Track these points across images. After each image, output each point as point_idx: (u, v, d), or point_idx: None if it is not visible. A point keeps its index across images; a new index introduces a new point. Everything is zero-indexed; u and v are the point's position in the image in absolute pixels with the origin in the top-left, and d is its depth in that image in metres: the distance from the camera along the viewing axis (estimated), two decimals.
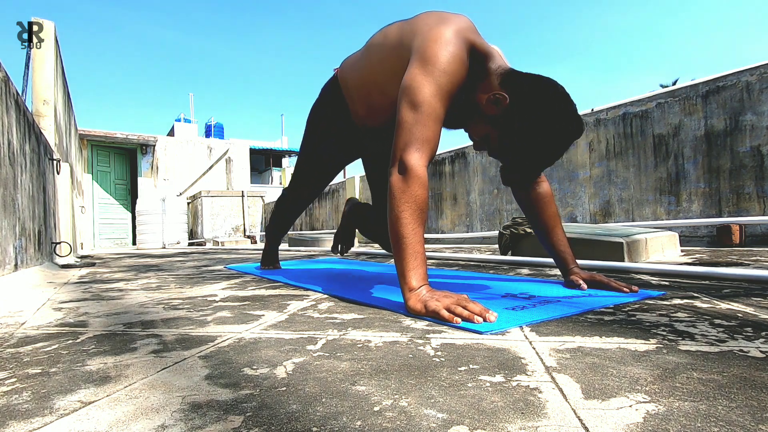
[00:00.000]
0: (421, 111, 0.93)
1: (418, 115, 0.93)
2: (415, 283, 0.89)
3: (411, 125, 0.94)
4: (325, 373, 0.56)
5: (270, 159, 18.15)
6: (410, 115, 0.94)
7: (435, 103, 0.94)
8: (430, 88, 0.94)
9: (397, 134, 0.96)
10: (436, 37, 0.97)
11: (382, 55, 1.18)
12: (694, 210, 3.01)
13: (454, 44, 0.97)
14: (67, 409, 0.47)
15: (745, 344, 0.62)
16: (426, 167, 0.94)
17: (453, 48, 0.96)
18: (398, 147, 0.95)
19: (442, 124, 0.98)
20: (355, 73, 1.32)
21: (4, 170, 1.90)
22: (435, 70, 0.94)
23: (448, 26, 0.99)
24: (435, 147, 0.97)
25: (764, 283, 1.16)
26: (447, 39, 0.97)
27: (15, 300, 1.35)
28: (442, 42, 0.96)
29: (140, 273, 2.24)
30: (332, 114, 1.47)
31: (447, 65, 0.95)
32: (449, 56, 0.95)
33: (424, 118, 0.93)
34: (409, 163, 0.92)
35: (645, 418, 0.41)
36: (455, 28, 0.99)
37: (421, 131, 0.93)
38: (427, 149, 0.94)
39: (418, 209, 0.91)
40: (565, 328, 0.76)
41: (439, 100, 0.95)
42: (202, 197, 9.65)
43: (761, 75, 2.70)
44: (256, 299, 1.19)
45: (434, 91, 0.94)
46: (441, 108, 0.95)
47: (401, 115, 0.96)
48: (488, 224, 4.57)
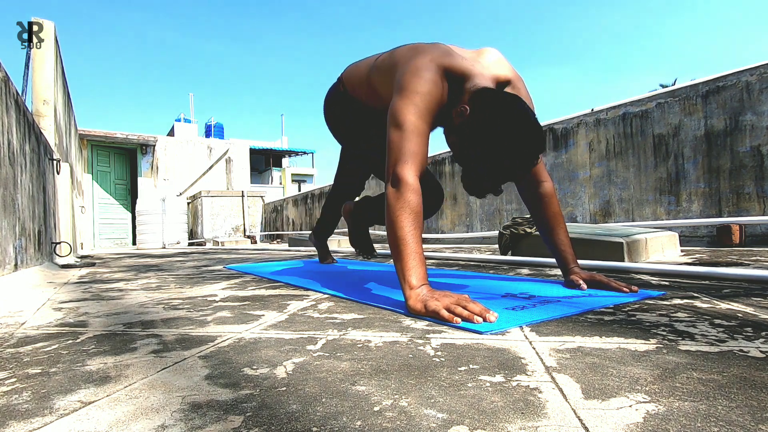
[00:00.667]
0: (404, 129, 1.03)
1: (403, 133, 1.03)
2: (415, 282, 0.89)
3: (398, 143, 1.03)
4: (325, 373, 0.56)
5: (270, 159, 18.16)
6: (396, 134, 1.04)
7: (416, 121, 1.03)
8: (408, 108, 1.04)
9: (388, 154, 1.04)
10: (410, 68, 1.09)
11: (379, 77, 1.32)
12: (694, 210, 3.01)
13: (427, 70, 1.07)
14: (67, 409, 0.47)
15: (745, 344, 0.62)
16: (417, 177, 1.01)
17: (427, 74, 1.07)
18: (390, 164, 1.03)
19: (427, 140, 1.07)
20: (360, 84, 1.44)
21: (4, 170, 1.90)
22: (411, 94, 1.05)
23: (420, 57, 1.10)
24: (423, 159, 1.05)
25: (764, 283, 1.16)
26: (420, 67, 1.08)
27: (15, 300, 1.35)
28: (415, 70, 1.08)
29: (140, 273, 2.24)
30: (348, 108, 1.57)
31: (421, 87, 1.05)
32: (422, 80, 1.06)
33: (408, 134, 1.02)
34: (400, 174, 0.99)
35: (645, 418, 0.41)
36: (428, 57, 1.10)
37: (407, 146, 1.02)
38: (415, 161, 1.02)
39: (413, 213, 0.96)
40: (565, 328, 0.76)
41: (418, 117, 1.04)
42: (202, 197, 9.65)
43: (761, 75, 2.70)
44: (256, 299, 1.19)
45: (413, 110, 1.04)
46: (423, 125, 1.05)
47: (389, 137, 1.05)
48: (488, 224, 4.57)
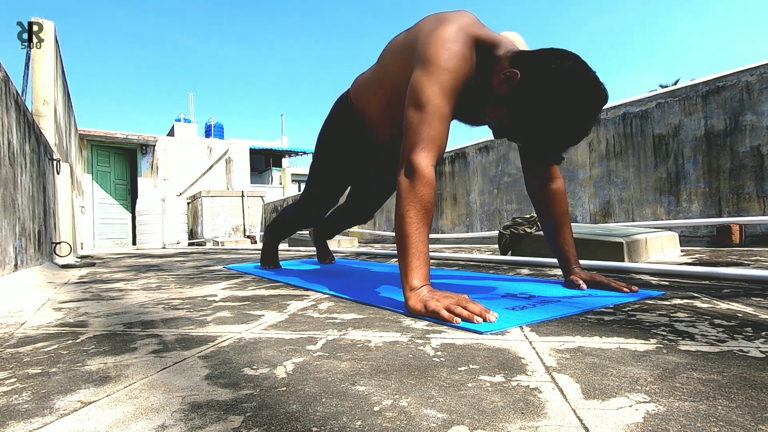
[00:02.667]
0: (426, 111, 0.94)
1: (423, 115, 0.94)
2: (417, 283, 0.89)
3: (417, 125, 0.94)
4: (325, 373, 0.56)
5: (270, 159, 18.16)
6: (415, 115, 0.95)
7: (439, 102, 0.94)
8: (433, 87, 0.94)
9: (405, 136, 0.96)
10: (435, 38, 0.98)
11: (395, 65, 1.19)
12: (694, 210, 3.01)
13: (454, 41, 0.97)
14: (67, 409, 0.47)
15: (745, 344, 0.62)
16: (433, 166, 0.94)
17: (453, 45, 0.97)
18: (405, 148, 0.95)
19: (448, 123, 0.98)
20: (370, 87, 1.35)
21: (4, 170, 1.90)
22: (436, 69, 0.95)
23: (447, 26, 1.00)
24: (442, 146, 0.96)
25: (764, 283, 1.16)
26: (447, 38, 0.97)
27: (15, 300, 1.35)
28: (441, 42, 0.97)
29: (140, 273, 2.24)
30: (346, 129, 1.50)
31: (448, 63, 0.95)
32: (450, 54, 0.96)
33: (429, 117, 0.94)
34: (416, 162, 0.93)
35: (645, 418, 0.41)
36: (455, 26, 1.00)
37: (426, 131, 0.94)
38: (433, 148, 0.94)
39: (423, 209, 0.92)
40: (565, 328, 0.76)
41: (443, 99, 0.95)
42: (202, 197, 9.65)
43: (761, 75, 2.70)
44: (256, 299, 1.19)
45: (437, 90, 0.94)
46: (446, 106, 0.96)
47: (407, 116, 0.96)
48: (488, 224, 4.57)
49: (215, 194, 9.82)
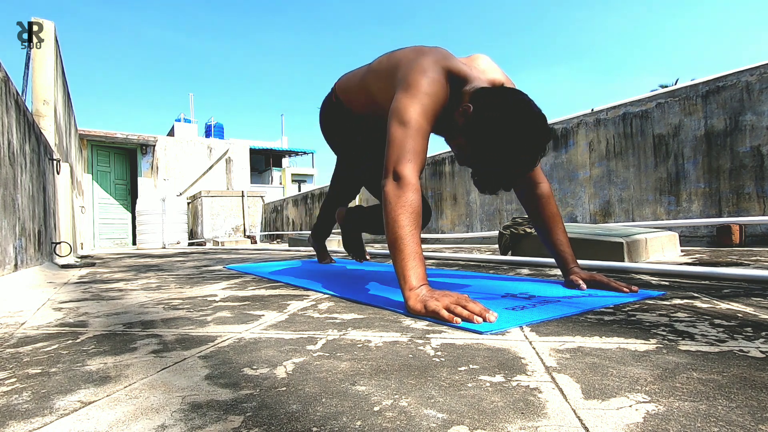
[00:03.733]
0: (409, 127, 1.02)
1: (407, 131, 1.01)
2: (415, 283, 0.89)
3: (401, 140, 1.01)
4: (325, 373, 0.56)
5: (270, 159, 18.17)
6: (400, 131, 1.02)
7: (421, 120, 1.02)
8: (415, 108, 1.03)
9: (389, 150, 1.03)
10: (416, 67, 1.08)
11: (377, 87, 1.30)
12: (694, 210, 3.01)
13: (432, 71, 1.07)
14: (67, 409, 0.47)
15: (745, 344, 0.62)
16: (417, 177, 1.00)
17: (432, 74, 1.07)
18: (390, 160, 1.01)
19: (428, 140, 1.07)
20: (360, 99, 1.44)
21: (4, 170, 1.90)
22: (418, 92, 1.04)
23: (426, 57, 1.10)
24: (423, 159, 1.04)
25: (764, 283, 1.16)
26: (425, 67, 1.07)
27: (15, 300, 1.35)
28: (421, 70, 1.07)
29: (140, 273, 2.24)
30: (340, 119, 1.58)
31: (428, 88, 1.05)
32: (429, 80, 1.05)
33: (413, 133, 1.01)
34: (402, 172, 0.99)
35: (645, 418, 0.41)
36: (432, 58, 1.10)
37: (410, 144, 1.01)
38: (417, 160, 1.01)
39: (414, 213, 0.96)
40: (565, 328, 0.76)
41: (424, 118, 1.03)
42: (202, 197, 9.65)
43: (761, 75, 2.70)
44: (256, 299, 1.19)
45: (419, 110, 1.03)
46: (426, 125, 1.04)
47: (391, 133, 1.03)
48: (488, 224, 4.57)
49: (215, 194, 9.82)
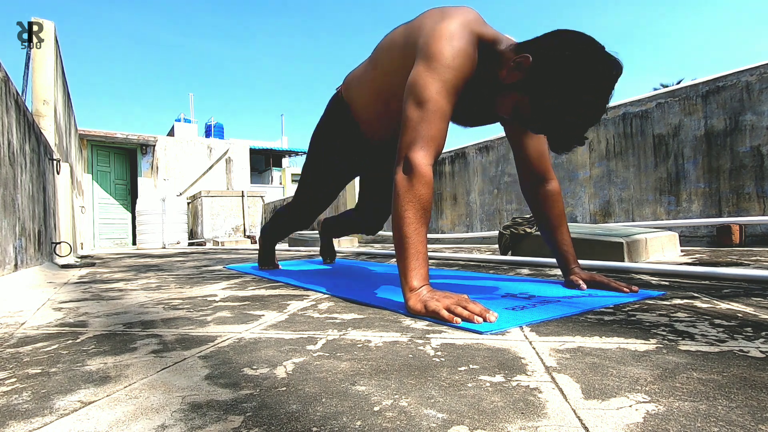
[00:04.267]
0: (426, 108, 0.92)
1: (424, 113, 0.92)
2: (416, 283, 0.89)
3: (416, 123, 0.93)
4: (325, 373, 0.56)
5: (270, 159, 18.16)
6: (415, 112, 0.93)
7: (440, 100, 0.93)
8: (435, 85, 0.92)
9: (403, 132, 0.94)
10: (440, 33, 0.96)
11: (392, 60, 1.16)
12: (694, 210, 3.01)
13: (458, 38, 0.95)
14: (67, 409, 0.47)
15: (745, 344, 0.62)
16: (431, 166, 0.93)
17: (457, 42, 0.94)
18: (403, 145, 0.94)
19: (448, 122, 0.96)
20: (363, 88, 1.32)
21: (4, 170, 1.90)
22: (439, 66, 0.93)
23: (451, 21, 0.97)
24: (441, 145, 0.95)
25: (764, 283, 1.16)
26: (451, 34, 0.95)
27: (15, 300, 1.35)
28: (445, 37, 0.95)
29: (140, 273, 2.24)
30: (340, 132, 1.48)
31: (452, 60, 0.93)
32: (454, 51, 0.94)
33: (430, 115, 0.92)
34: (415, 161, 0.91)
35: (645, 418, 0.41)
36: (459, 21, 0.97)
37: (426, 129, 0.92)
38: (432, 147, 0.93)
39: (422, 209, 0.91)
40: (565, 328, 0.76)
41: (444, 97, 0.93)
42: (202, 197, 9.65)
43: (761, 75, 2.70)
44: (256, 299, 1.19)
45: (439, 87, 0.92)
46: (447, 105, 0.94)
47: (406, 113, 0.94)
48: (488, 224, 4.57)
49: (215, 194, 9.81)
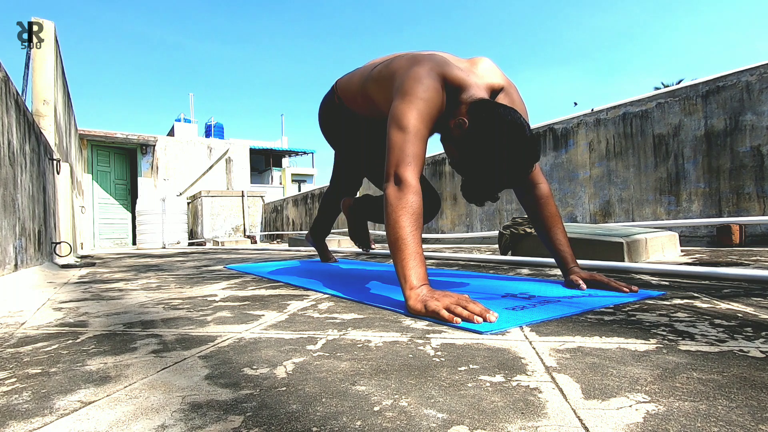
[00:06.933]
0: (408, 131, 1.04)
1: (406, 136, 1.04)
2: (416, 283, 0.90)
3: (401, 144, 1.04)
4: (325, 373, 0.56)
5: (270, 159, 18.17)
6: (399, 136, 1.05)
7: (418, 125, 1.05)
8: (412, 113, 1.05)
9: (389, 154, 1.05)
10: (413, 75, 1.10)
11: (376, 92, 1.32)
12: (694, 210, 3.01)
13: (428, 77, 1.09)
14: (67, 409, 0.47)
15: (745, 344, 0.62)
16: (417, 179, 1.03)
17: (427, 81, 1.09)
18: (391, 164, 1.04)
19: (426, 143, 1.09)
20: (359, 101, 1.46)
21: (4, 170, 1.90)
22: (415, 99, 1.06)
23: (421, 66, 1.12)
24: (423, 162, 1.07)
25: (764, 283, 1.16)
26: (421, 75, 1.09)
27: (15, 300, 1.35)
28: (417, 78, 1.09)
29: (140, 273, 2.24)
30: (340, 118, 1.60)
31: (424, 94, 1.07)
32: (425, 87, 1.08)
33: (412, 137, 1.04)
34: (403, 175, 1.01)
35: (645, 418, 0.41)
36: (427, 66, 1.11)
37: (410, 149, 1.03)
38: (416, 163, 1.03)
39: (414, 214, 0.98)
40: (565, 328, 0.76)
41: (421, 122, 1.06)
42: (202, 197, 9.65)
43: (761, 75, 2.70)
44: (256, 299, 1.19)
45: (416, 115, 1.05)
46: (425, 129, 1.06)
47: (391, 137, 1.06)
48: (488, 224, 4.57)
49: (215, 194, 9.82)
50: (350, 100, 1.49)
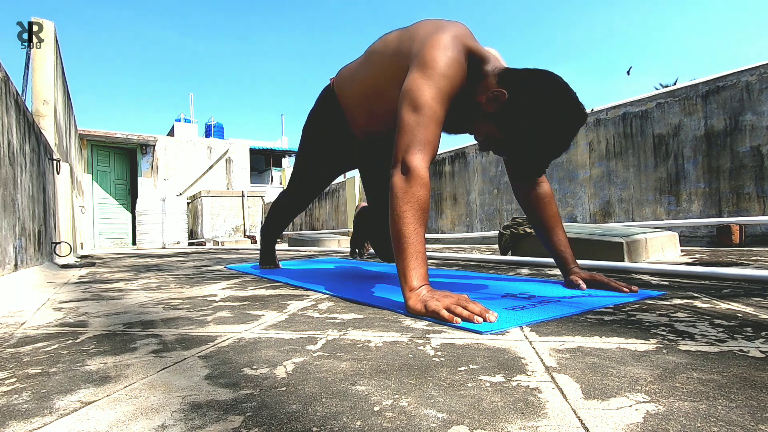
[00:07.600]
0: (422, 113, 0.95)
1: (420, 117, 0.95)
2: (416, 283, 0.89)
3: (413, 127, 0.95)
4: (325, 373, 0.56)
5: (270, 159, 18.16)
6: (412, 117, 0.96)
7: (435, 106, 0.96)
8: (430, 91, 0.96)
9: (399, 136, 0.97)
10: (434, 43, 1.00)
11: (382, 62, 1.21)
12: (694, 210, 3.01)
13: (452, 49, 0.99)
14: (67, 409, 0.47)
15: (745, 344, 0.62)
16: (427, 168, 0.95)
17: (451, 53, 0.99)
18: (400, 148, 0.96)
19: (442, 127, 1.00)
20: (354, 83, 1.35)
21: (4, 170, 1.90)
22: (435, 73, 0.97)
23: (445, 33, 1.02)
24: (436, 148, 0.98)
25: (764, 283, 1.16)
26: (445, 44, 0.99)
27: (15, 300, 1.35)
28: (440, 47, 0.99)
29: (140, 273, 2.24)
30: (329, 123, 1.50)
31: (446, 69, 0.97)
32: (448, 60, 0.98)
33: (426, 120, 0.95)
34: (412, 164, 0.93)
35: (645, 418, 0.41)
36: (452, 34, 1.02)
37: (422, 133, 0.95)
38: (428, 150, 0.96)
39: (420, 209, 0.93)
40: (565, 328, 0.76)
41: (439, 103, 0.97)
42: (202, 197, 9.65)
43: (761, 75, 2.70)
44: (256, 299, 1.19)
45: (434, 94, 0.96)
46: (441, 111, 0.97)
47: (402, 117, 0.97)
48: (488, 224, 4.57)
49: (215, 194, 9.82)
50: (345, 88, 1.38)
